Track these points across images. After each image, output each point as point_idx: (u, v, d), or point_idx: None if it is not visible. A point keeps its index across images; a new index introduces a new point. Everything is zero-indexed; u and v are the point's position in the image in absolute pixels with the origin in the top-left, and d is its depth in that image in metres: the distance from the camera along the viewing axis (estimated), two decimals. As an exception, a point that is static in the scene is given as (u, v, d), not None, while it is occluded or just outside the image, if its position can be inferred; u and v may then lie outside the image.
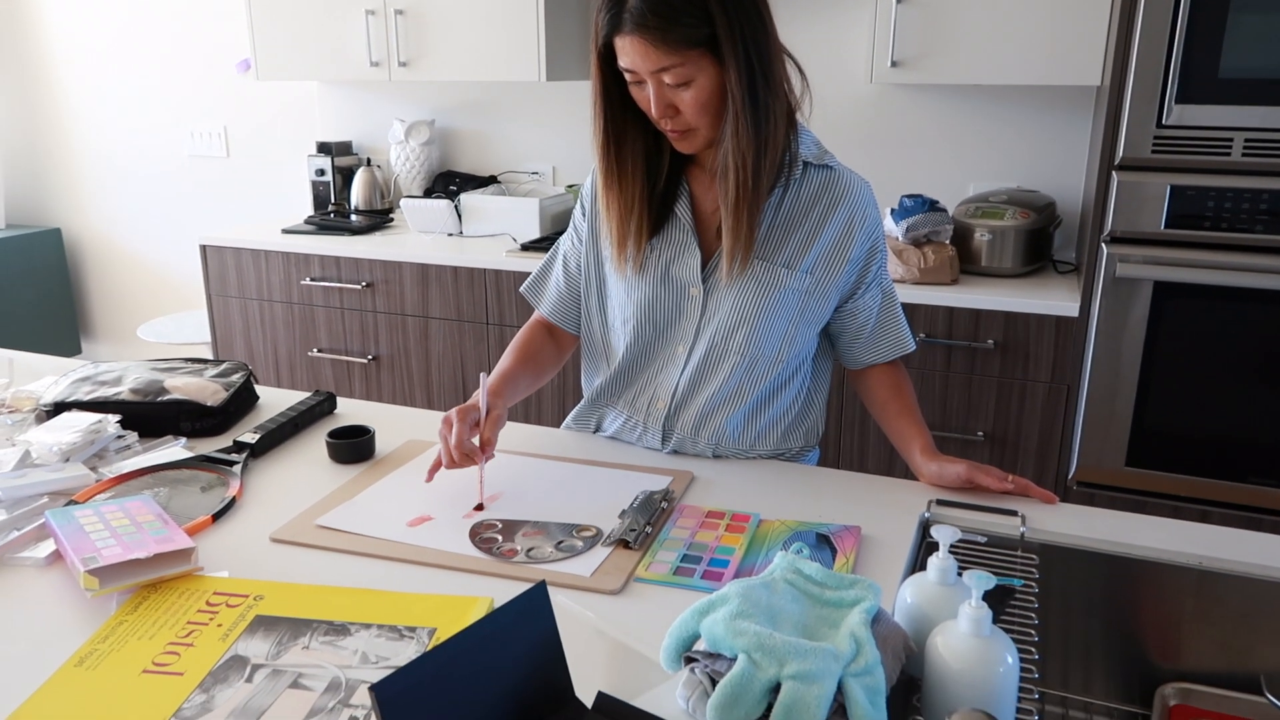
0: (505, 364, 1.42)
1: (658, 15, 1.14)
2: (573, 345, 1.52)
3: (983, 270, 2.49)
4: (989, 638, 0.83)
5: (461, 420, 1.22)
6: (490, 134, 3.38)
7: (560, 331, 1.50)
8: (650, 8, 1.14)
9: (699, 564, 1.07)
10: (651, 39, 1.15)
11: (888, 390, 1.40)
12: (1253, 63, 1.95)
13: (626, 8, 1.16)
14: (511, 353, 1.44)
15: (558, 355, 1.51)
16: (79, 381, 1.50)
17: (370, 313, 2.96)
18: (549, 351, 1.49)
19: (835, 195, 1.31)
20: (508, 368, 1.41)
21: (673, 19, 1.14)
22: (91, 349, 4.35)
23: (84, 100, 3.98)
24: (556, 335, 1.51)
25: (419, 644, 0.92)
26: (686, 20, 1.14)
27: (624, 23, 1.16)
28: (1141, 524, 1.18)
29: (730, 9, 1.16)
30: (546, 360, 1.48)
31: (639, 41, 1.16)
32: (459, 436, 1.21)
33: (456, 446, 1.21)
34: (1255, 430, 2.11)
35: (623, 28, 1.16)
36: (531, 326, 1.51)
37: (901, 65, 2.48)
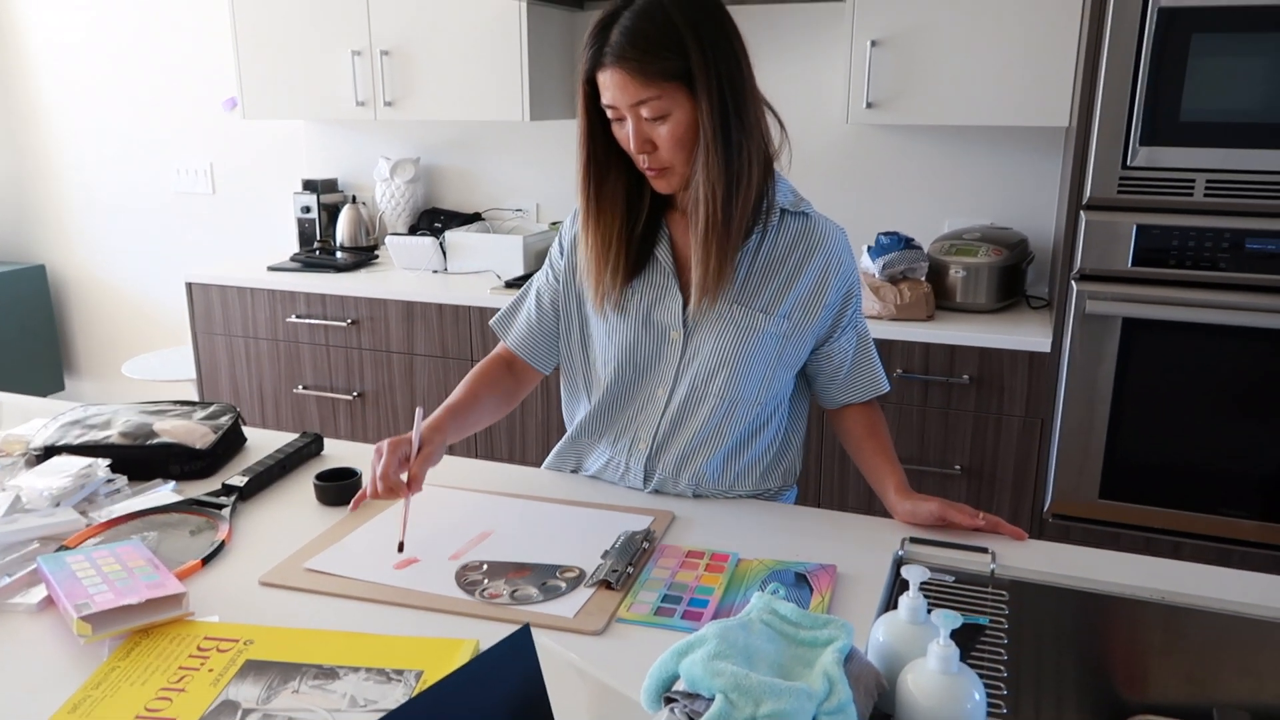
0: (456, 397, 1.42)
1: (635, 48, 1.20)
2: (535, 381, 1.53)
3: (958, 306, 2.54)
4: (957, 675, 0.86)
5: (391, 452, 1.24)
6: (474, 171, 3.43)
7: (522, 365, 1.51)
8: (629, 40, 1.21)
9: (679, 604, 1.10)
10: (630, 70, 1.21)
11: (863, 429, 1.44)
12: (1212, 106, 2.02)
13: (608, 42, 1.22)
14: (465, 386, 1.45)
15: (515, 390, 1.51)
16: (68, 425, 1.52)
17: (355, 349, 2.98)
18: (506, 385, 1.50)
19: (812, 242, 1.35)
20: (458, 401, 1.41)
21: (650, 52, 1.20)
22: (75, 386, 4.35)
23: (70, 136, 4.01)
24: (517, 370, 1.52)
25: (406, 686, 0.94)
26: (663, 53, 1.21)
27: (605, 56, 1.23)
28: (1108, 560, 1.22)
29: (706, 45, 1.22)
30: (503, 393, 1.49)
31: (618, 73, 1.22)
32: (385, 468, 1.23)
33: (382, 478, 1.23)
34: (1225, 462, 2.16)
35: (604, 61, 1.23)
36: (492, 359, 1.52)
37: (877, 106, 2.55)
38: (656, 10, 1.20)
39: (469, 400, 1.43)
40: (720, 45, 1.22)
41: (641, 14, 1.21)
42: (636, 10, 1.21)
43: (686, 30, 1.20)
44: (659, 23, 1.20)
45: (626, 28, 1.21)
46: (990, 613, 1.12)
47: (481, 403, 1.44)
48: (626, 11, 1.22)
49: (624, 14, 1.22)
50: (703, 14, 1.22)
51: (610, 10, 1.23)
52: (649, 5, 1.21)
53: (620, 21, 1.21)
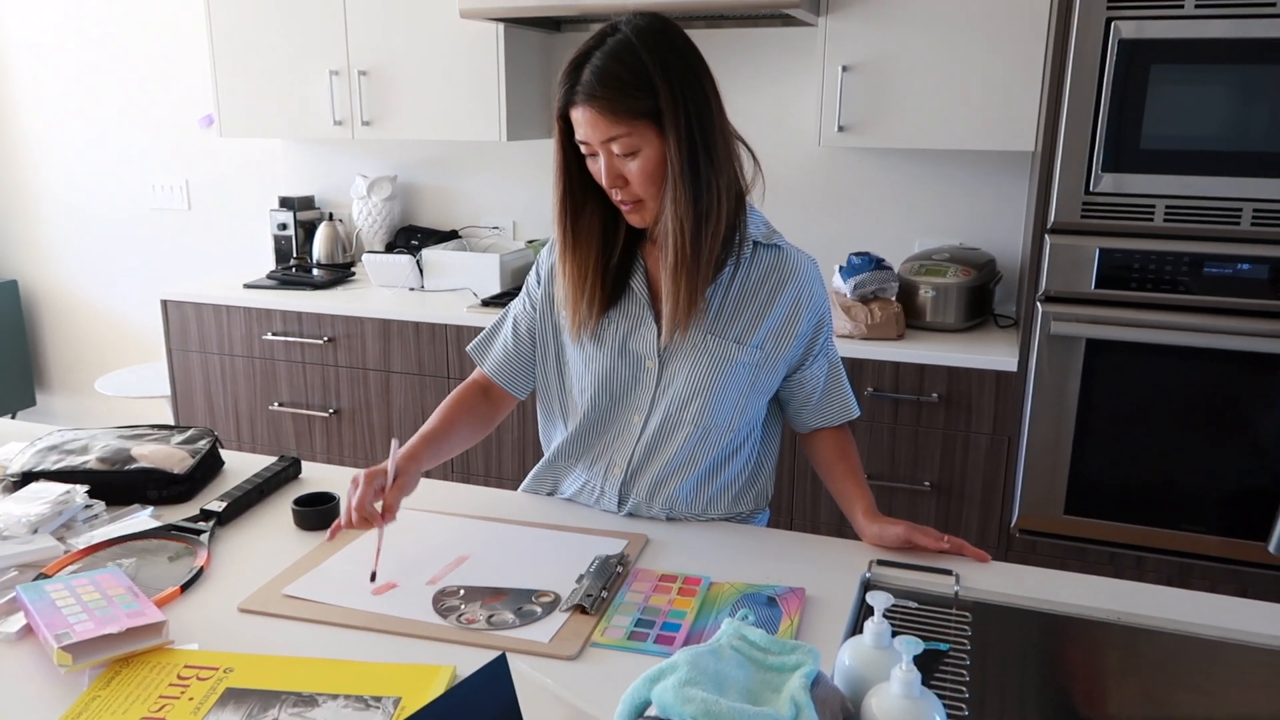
0: (432, 424, 1.45)
1: (605, 87, 1.24)
2: (510, 406, 1.56)
3: (927, 325, 2.59)
4: (919, 699, 0.89)
5: (367, 484, 1.27)
6: (451, 189, 3.45)
7: (498, 391, 1.54)
8: (599, 80, 1.24)
9: (652, 628, 1.12)
10: (600, 108, 1.24)
11: (833, 453, 1.47)
12: (1171, 134, 2.08)
13: (580, 81, 1.25)
14: (441, 413, 1.47)
15: (491, 416, 1.54)
16: (46, 450, 1.52)
17: (332, 367, 2.99)
18: (482, 411, 1.53)
19: (784, 274, 1.39)
20: (434, 429, 1.44)
21: (620, 90, 1.24)
22: (47, 401, 4.32)
23: (44, 151, 4.00)
24: (493, 395, 1.54)
25: (384, 714, 0.96)
26: (633, 92, 1.24)
27: (577, 94, 1.26)
28: (1068, 581, 1.26)
29: (674, 84, 1.25)
30: (481, 418, 1.52)
31: (589, 111, 1.25)
32: (361, 498, 1.26)
33: (358, 508, 1.25)
34: (1186, 479, 2.22)
35: (576, 99, 1.26)
36: (468, 385, 1.54)
37: (848, 130, 2.60)
38: (626, 51, 1.24)
39: (445, 427, 1.45)
40: (689, 84, 1.26)
41: (612, 54, 1.24)
42: (607, 50, 1.24)
43: (656, 70, 1.23)
44: (628, 63, 1.23)
45: (598, 67, 1.24)
46: (953, 634, 1.16)
47: (458, 429, 1.47)
48: (598, 51, 1.25)
49: (595, 53, 1.25)
50: (672, 54, 1.25)
51: (583, 50, 1.26)
52: (619, 45, 1.24)
53: (592, 61, 1.25)
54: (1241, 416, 2.15)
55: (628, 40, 1.24)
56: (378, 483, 1.28)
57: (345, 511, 1.27)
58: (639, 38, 1.24)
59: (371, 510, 1.26)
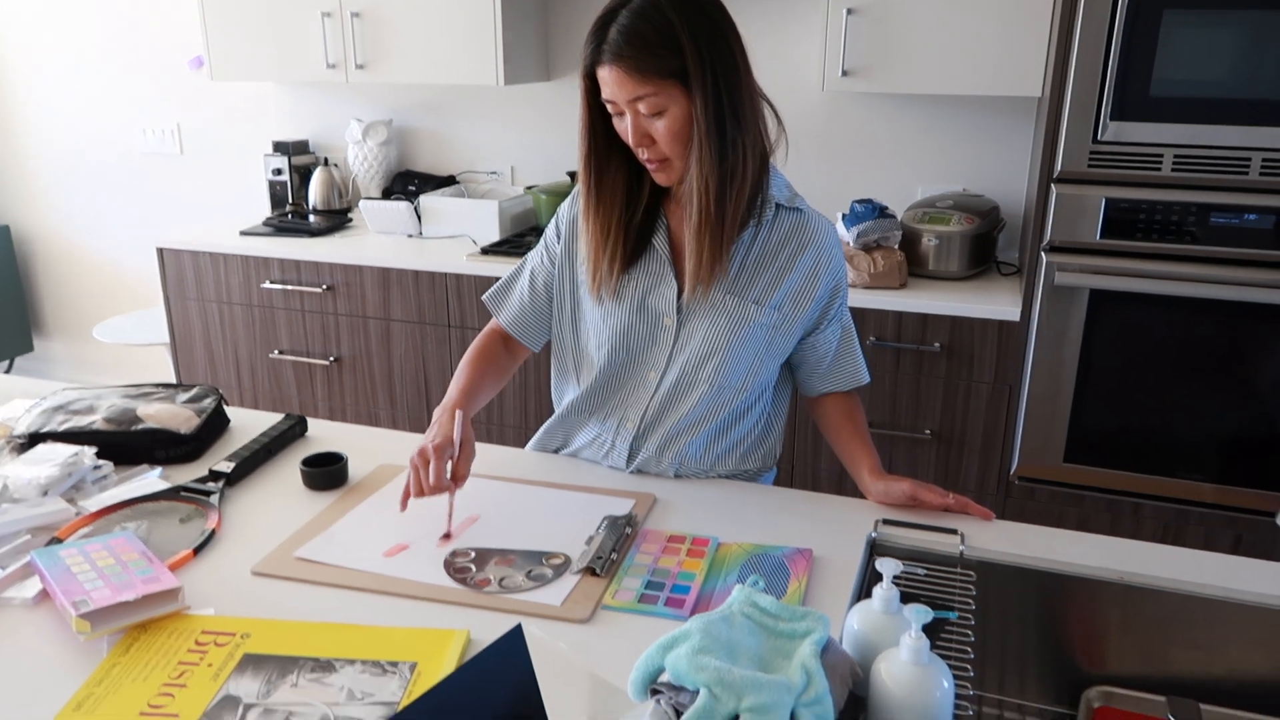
0: (467, 378, 1.46)
1: (632, 46, 1.22)
2: (525, 356, 1.59)
3: (930, 274, 2.58)
4: (927, 665, 0.91)
5: (439, 458, 1.28)
6: (448, 134, 3.40)
7: (515, 342, 1.57)
8: (625, 39, 1.22)
9: (662, 590, 1.14)
10: (627, 68, 1.23)
11: (841, 415, 1.48)
12: (1180, 81, 2.05)
13: (606, 40, 1.24)
14: (471, 365, 1.50)
15: (511, 364, 1.58)
16: (51, 411, 1.52)
17: (331, 315, 2.98)
18: (504, 361, 1.56)
19: (804, 238, 1.39)
20: (469, 382, 1.46)
21: (646, 50, 1.22)
22: (45, 346, 4.31)
23: (33, 95, 3.92)
24: (511, 345, 1.57)
25: (401, 679, 0.98)
26: (659, 52, 1.22)
27: (603, 54, 1.25)
28: (1070, 540, 1.27)
29: (701, 44, 1.24)
30: (503, 370, 1.56)
31: (615, 71, 1.24)
32: (437, 474, 1.27)
33: (435, 484, 1.27)
34: (1184, 428, 2.23)
35: (602, 58, 1.25)
36: (489, 335, 1.57)
37: (852, 74, 2.55)
38: (653, 10, 1.22)
39: (478, 382, 1.47)
40: (716, 43, 1.24)
41: (639, 13, 1.22)
42: (634, 9, 1.23)
43: (682, 29, 1.22)
44: (655, 22, 1.22)
45: (624, 26, 1.22)
46: (958, 594, 1.17)
47: (487, 383, 1.50)
48: (624, 10, 1.23)
49: (622, 12, 1.23)
50: (699, 13, 1.24)
51: (609, 8, 1.25)
52: (646, 4, 1.23)
53: (618, 20, 1.23)
54: (1242, 367, 2.16)
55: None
56: (447, 454, 1.30)
57: (415, 481, 1.28)
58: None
59: (446, 482, 1.28)
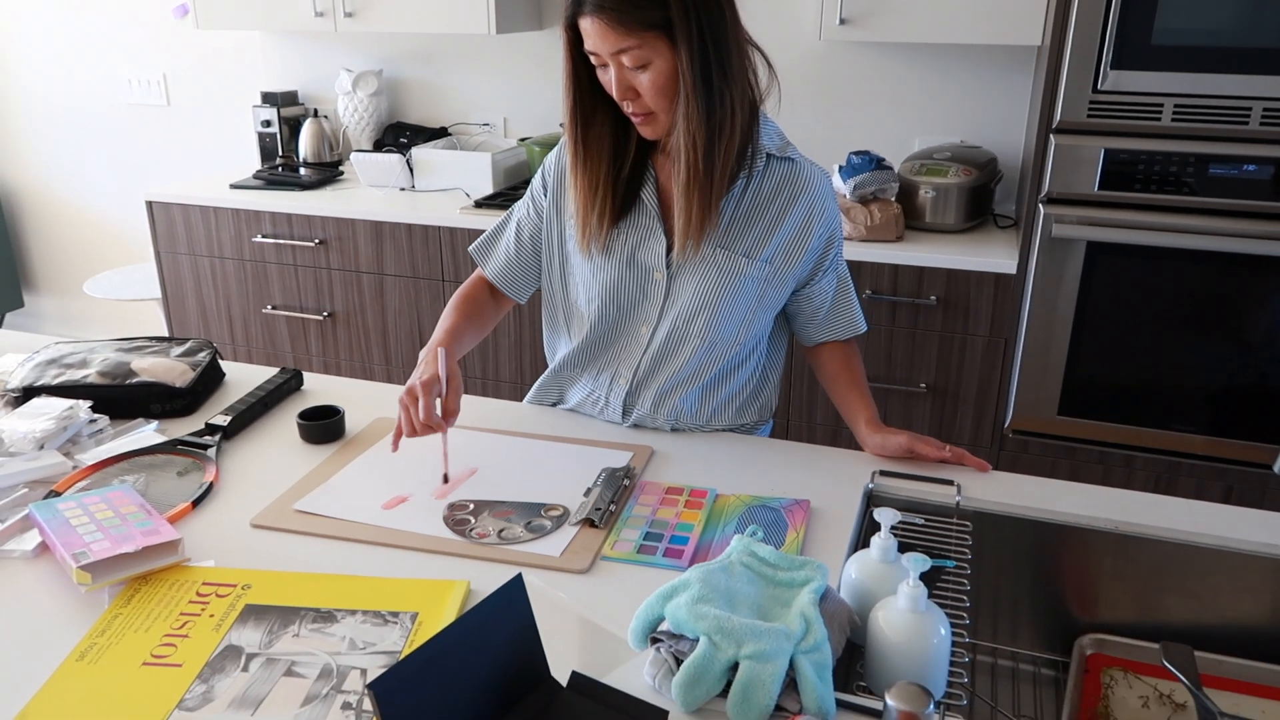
0: (452, 320, 1.46)
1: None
2: (510, 306, 1.59)
3: (926, 226, 2.56)
4: (924, 613, 0.92)
5: (427, 394, 1.28)
6: (440, 84, 3.35)
7: (500, 292, 1.56)
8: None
9: (660, 541, 1.15)
10: (609, 20, 1.19)
11: (838, 364, 1.48)
12: (1182, 29, 2.02)
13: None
14: (456, 309, 1.49)
15: (496, 313, 1.58)
16: (45, 365, 1.51)
17: (324, 269, 2.96)
18: (489, 309, 1.56)
19: (796, 188, 1.36)
20: (454, 324, 1.45)
21: (629, 1, 1.18)
22: (35, 302, 4.28)
23: (13, 47, 3.84)
24: (496, 295, 1.57)
25: (402, 628, 0.98)
26: (642, 3, 1.19)
27: (585, 5, 1.21)
28: (1065, 490, 1.28)
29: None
30: (488, 317, 1.55)
31: (598, 23, 1.20)
32: (427, 410, 1.27)
33: (425, 420, 1.26)
34: (1177, 381, 2.24)
35: (584, 9, 1.21)
36: (475, 282, 1.56)
37: (850, 23, 2.51)
38: None
39: (463, 325, 1.47)
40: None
41: None
42: None
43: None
44: None
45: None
46: (954, 544, 1.18)
47: (471, 327, 1.49)
48: None
49: None
50: None
51: None
52: None
53: None
54: (1237, 319, 2.16)
55: None
56: (435, 390, 1.29)
57: (407, 423, 1.28)
58: None
59: (436, 419, 1.28)
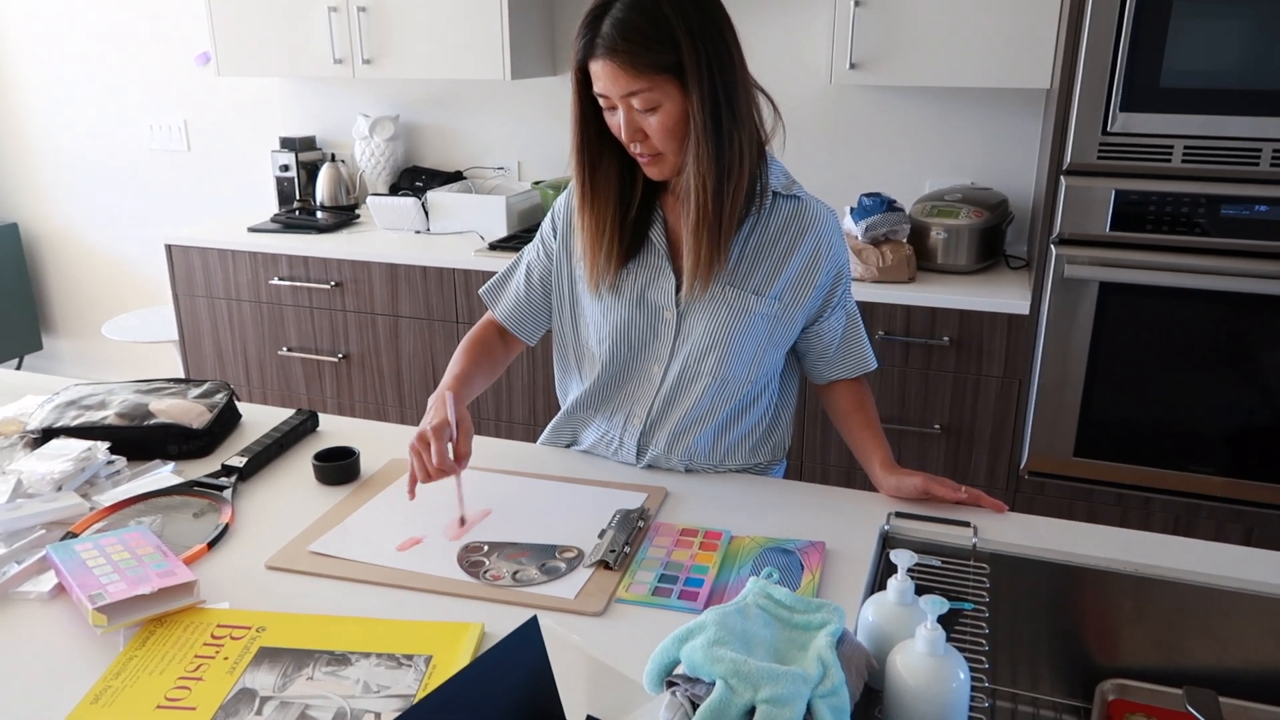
0: (461, 365, 1.47)
1: (627, 41, 1.21)
2: (521, 349, 1.59)
3: (938, 267, 2.57)
4: (943, 657, 0.91)
5: (439, 439, 1.28)
6: (455, 129, 3.40)
7: (511, 335, 1.56)
8: (620, 33, 1.21)
9: (675, 583, 1.14)
10: (620, 63, 1.22)
11: (850, 404, 1.48)
12: (1191, 72, 2.04)
13: (599, 34, 1.23)
14: (466, 353, 1.50)
15: (506, 356, 1.58)
16: (64, 406, 1.53)
17: (340, 311, 2.99)
18: (499, 352, 1.56)
19: (803, 225, 1.38)
20: (463, 369, 1.46)
21: (641, 45, 1.21)
22: (54, 344, 4.32)
23: (39, 93, 3.93)
24: (506, 338, 1.57)
25: (416, 672, 0.98)
26: (654, 46, 1.21)
27: (596, 48, 1.23)
28: (1083, 532, 1.27)
29: (696, 38, 1.22)
30: (498, 360, 1.56)
31: (609, 65, 1.22)
32: (439, 455, 1.27)
33: (439, 465, 1.27)
34: (1194, 422, 2.23)
35: (595, 52, 1.23)
36: (485, 325, 1.57)
37: (860, 67, 2.55)
38: (648, 2, 1.20)
39: (472, 370, 1.47)
40: (711, 36, 1.23)
41: (633, 6, 1.21)
42: (628, 2, 1.21)
43: (677, 22, 1.20)
44: (650, 15, 1.20)
45: (618, 19, 1.21)
46: (972, 586, 1.17)
47: (481, 371, 1.50)
48: (618, 3, 1.22)
49: (616, 5, 1.22)
50: (693, 6, 1.22)
51: (601, 1, 1.23)
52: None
53: (612, 12, 1.21)
54: (1253, 359, 2.15)
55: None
56: (446, 436, 1.29)
57: (420, 467, 1.28)
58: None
59: (449, 463, 1.28)
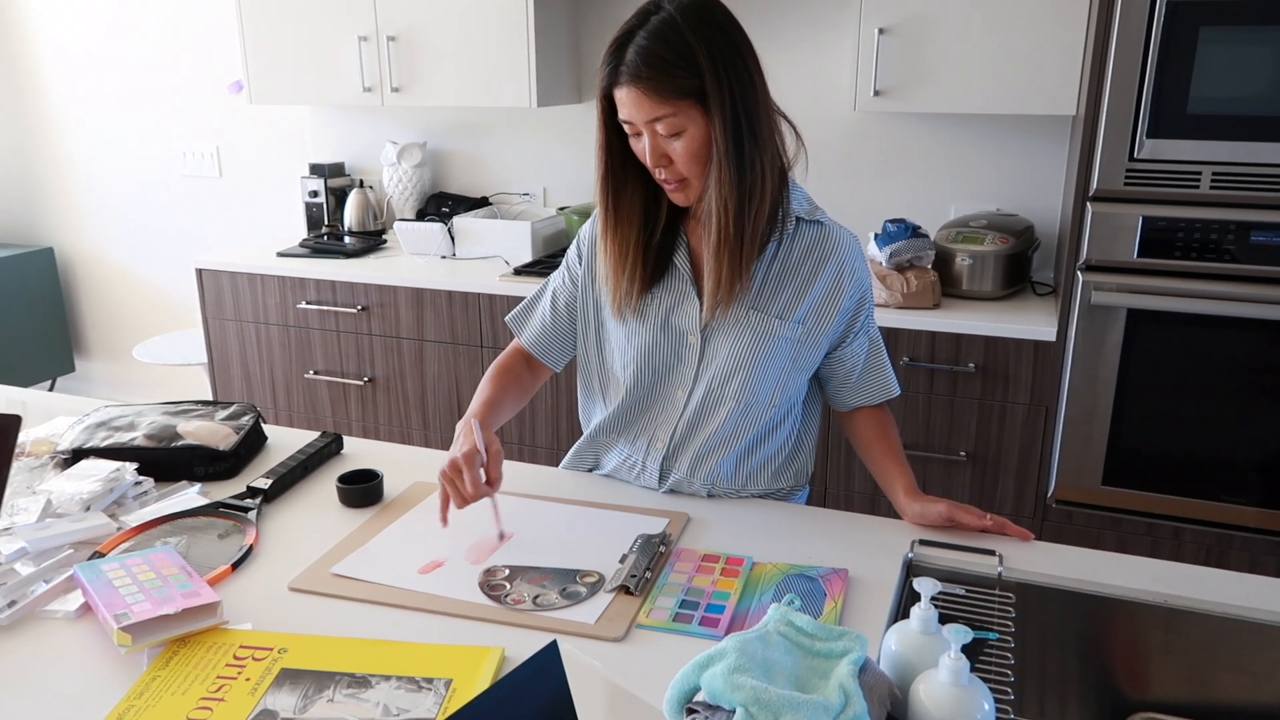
0: (488, 392, 1.48)
1: (650, 67, 1.23)
2: (547, 375, 1.61)
3: (963, 294, 2.56)
4: (967, 687, 0.90)
5: (470, 467, 1.29)
6: (481, 155, 3.43)
7: (537, 361, 1.58)
8: (644, 60, 1.23)
9: (697, 609, 1.13)
10: (644, 89, 1.23)
11: (873, 432, 1.47)
12: (1219, 98, 2.03)
13: (624, 61, 1.25)
14: (493, 380, 1.51)
15: (534, 383, 1.59)
16: (94, 427, 1.55)
17: (366, 335, 3.01)
18: (527, 379, 1.57)
19: (826, 250, 1.38)
20: (490, 395, 1.47)
21: (664, 71, 1.23)
22: (85, 367, 4.39)
23: (75, 120, 4.02)
24: (533, 364, 1.59)
25: (436, 695, 0.98)
26: (677, 73, 1.23)
27: (621, 75, 1.25)
28: (1112, 562, 1.25)
29: (719, 64, 1.24)
30: (525, 386, 1.57)
31: (634, 92, 1.24)
32: (474, 483, 1.28)
33: (474, 490, 1.28)
34: (1225, 450, 2.19)
35: (620, 79, 1.25)
36: (511, 353, 1.58)
37: (884, 94, 2.55)
38: (670, 30, 1.22)
39: (500, 396, 1.49)
40: (733, 63, 1.24)
41: (656, 34, 1.23)
42: (651, 30, 1.23)
43: (700, 49, 1.22)
44: (673, 43, 1.22)
45: (641, 47, 1.23)
46: (997, 616, 1.16)
47: (509, 397, 1.51)
48: (642, 30, 1.24)
49: (639, 33, 1.24)
50: (716, 32, 1.24)
51: (625, 29, 1.25)
52: (663, 24, 1.23)
53: (635, 40, 1.23)
54: (1286, 387, 2.12)
55: (671, 19, 1.23)
56: (478, 461, 1.31)
57: (455, 494, 1.29)
58: (683, 16, 1.23)
59: (484, 488, 1.30)
